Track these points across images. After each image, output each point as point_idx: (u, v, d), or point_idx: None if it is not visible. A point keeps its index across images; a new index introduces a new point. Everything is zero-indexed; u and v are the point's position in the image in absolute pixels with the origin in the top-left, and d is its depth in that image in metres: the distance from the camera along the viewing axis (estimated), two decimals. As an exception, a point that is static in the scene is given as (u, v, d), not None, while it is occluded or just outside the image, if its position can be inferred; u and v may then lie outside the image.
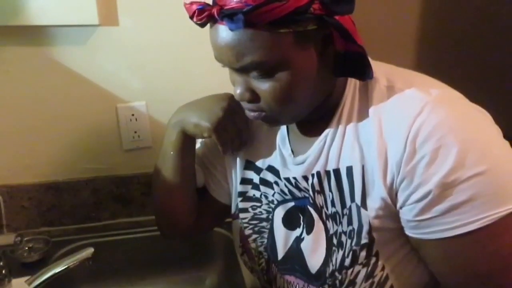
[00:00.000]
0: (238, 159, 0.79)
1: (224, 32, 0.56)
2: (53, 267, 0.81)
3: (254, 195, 0.77)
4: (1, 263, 0.78)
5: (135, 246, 1.11)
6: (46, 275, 0.80)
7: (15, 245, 0.99)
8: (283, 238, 0.74)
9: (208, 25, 0.61)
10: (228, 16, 0.53)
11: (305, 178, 0.68)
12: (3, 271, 0.80)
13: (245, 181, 0.78)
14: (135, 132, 1.11)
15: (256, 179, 0.77)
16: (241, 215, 0.79)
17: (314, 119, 0.66)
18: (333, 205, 0.65)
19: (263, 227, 0.77)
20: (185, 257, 1.10)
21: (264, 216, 0.77)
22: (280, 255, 0.74)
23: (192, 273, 1.13)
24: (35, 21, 0.95)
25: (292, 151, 0.71)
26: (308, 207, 0.69)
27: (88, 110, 1.07)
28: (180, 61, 1.09)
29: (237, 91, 0.62)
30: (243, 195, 0.79)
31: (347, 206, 0.64)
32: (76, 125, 1.08)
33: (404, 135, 0.56)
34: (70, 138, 1.09)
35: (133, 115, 1.10)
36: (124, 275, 1.10)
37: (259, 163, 0.76)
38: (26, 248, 1.01)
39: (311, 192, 0.68)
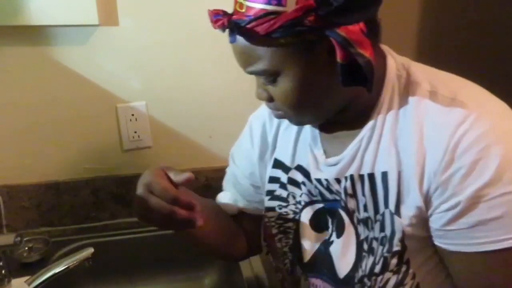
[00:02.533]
0: (260, 157, 0.80)
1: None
2: (53, 267, 0.81)
3: (281, 194, 0.76)
4: (1, 263, 0.78)
5: (135, 246, 1.11)
6: (46, 275, 0.80)
7: (15, 245, 0.99)
8: (310, 240, 0.73)
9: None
10: (229, 28, 0.58)
11: (338, 180, 0.67)
12: (3, 271, 0.80)
13: (273, 179, 0.77)
14: (135, 132, 1.11)
15: (284, 178, 0.76)
16: (268, 214, 0.78)
17: (346, 121, 0.66)
18: (365, 210, 0.64)
19: (288, 227, 0.76)
20: (185, 257, 1.10)
21: (291, 216, 0.76)
22: (307, 257, 0.74)
23: (192, 273, 1.13)
24: (35, 21, 0.95)
25: (324, 151, 0.70)
26: (339, 210, 0.68)
27: (88, 110, 1.07)
28: (180, 61, 1.09)
29: (257, 91, 0.66)
30: (271, 194, 0.78)
31: (380, 212, 0.63)
32: (76, 125, 1.08)
33: (445, 144, 0.55)
34: (70, 138, 1.09)
35: (133, 115, 1.10)
36: (124, 275, 1.10)
37: (287, 162, 0.75)
38: (26, 248, 1.01)
39: (343, 195, 0.67)
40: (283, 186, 0.76)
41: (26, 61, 1.01)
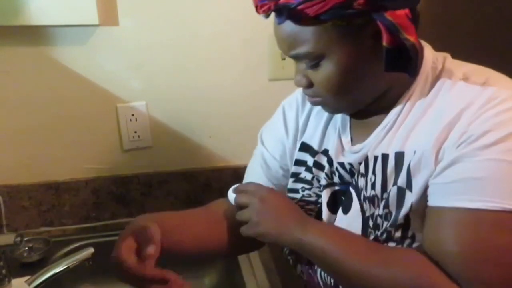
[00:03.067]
0: (293, 141, 0.81)
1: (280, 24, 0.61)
2: (53, 267, 0.81)
3: (305, 177, 0.78)
4: (1, 263, 0.78)
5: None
6: (46, 275, 0.80)
7: (15, 245, 0.99)
8: (327, 220, 0.74)
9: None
10: (277, 10, 0.58)
11: (360, 164, 0.69)
12: (3, 271, 0.79)
13: (299, 162, 0.79)
14: (135, 132, 1.11)
15: (310, 161, 0.77)
16: (290, 195, 0.79)
17: (378, 109, 0.68)
18: (373, 187, 0.67)
19: (310, 209, 0.77)
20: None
21: (313, 199, 0.77)
22: None
23: (192, 273, 1.13)
24: (35, 21, 0.95)
25: (351, 138, 0.72)
26: (350, 188, 0.71)
27: (88, 110, 1.08)
28: (180, 61, 1.09)
29: (296, 78, 0.66)
30: (295, 176, 0.79)
31: (388, 190, 0.64)
32: (76, 125, 1.08)
33: (468, 120, 0.57)
34: (70, 138, 1.09)
35: (133, 115, 1.10)
36: (124, 275, 1.10)
37: (315, 146, 0.77)
38: (26, 248, 1.01)
39: (356, 176, 0.70)
40: (308, 169, 0.77)
41: (26, 61, 1.01)
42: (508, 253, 0.55)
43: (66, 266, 0.81)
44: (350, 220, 0.70)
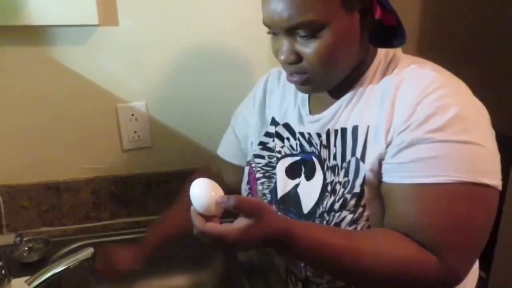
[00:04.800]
0: (266, 116, 0.88)
1: None
2: (53, 267, 0.81)
3: (272, 146, 0.85)
4: (1, 263, 0.78)
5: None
6: (46, 275, 0.80)
7: (15, 245, 0.99)
8: (282, 184, 0.81)
9: None
10: None
11: (318, 135, 0.76)
12: (3, 271, 0.80)
13: (268, 134, 0.86)
14: (135, 132, 1.11)
15: (274, 132, 0.85)
16: (257, 160, 0.86)
17: (335, 87, 0.73)
18: (334, 158, 0.73)
19: (273, 173, 0.83)
20: (185, 257, 1.10)
21: (275, 164, 0.84)
22: (279, 196, 0.81)
23: (192, 273, 1.13)
24: (35, 21, 0.95)
25: (309, 111, 0.79)
26: (313, 158, 0.77)
27: (88, 110, 1.08)
28: (180, 61, 1.09)
29: (281, 56, 0.67)
30: (263, 145, 0.86)
31: (347, 160, 0.71)
32: (76, 125, 1.08)
33: (412, 102, 0.63)
34: (70, 138, 1.09)
35: (133, 115, 1.10)
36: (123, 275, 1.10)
37: (279, 119, 0.85)
38: (26, 248, 1.01)
39: (318, 147, 0.76)
40: (273, 139, 0.85)
41: (26, 61, 1.01)
42: (466, 219, 0.62)
43: (66, 266, 0.81)
44: (311, 186, 0.76)
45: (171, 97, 1.12)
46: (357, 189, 0.69)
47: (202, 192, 0.60)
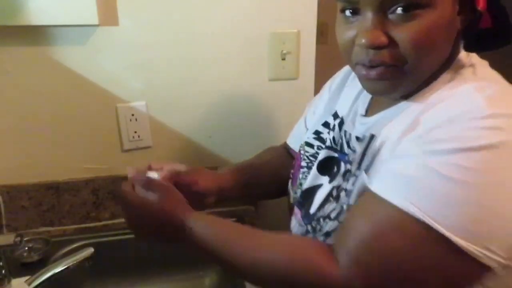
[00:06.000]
0: (332, 107, 0.82)
1: None
2: (53, 267, 0.81)
3: (326, 138, 0.78)
4: (1, 263, 0.78)
5: (135, 246, 1.11)
6: (46, 275, 0.80)
7: (15, 245, 0.99)
8: (312, 177, 0.75)
9: None
10: None
11: (357, 138, 0.68)
12: (3, 271, 0.80)
13: (326, 124, 0.80)
14: (135, 132, 1.11)
15: (332, 125, 0.79)
16: (306, 148, 0.81)
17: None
18: (350, 163, 0.67)
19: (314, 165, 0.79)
20: (185, 257, 1.10)
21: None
22: (304, 188, 0.78)
23: (192, 273, 1.13)
24: (35, 21, 0.95)
25: (366, 111, 0.71)
26: (342, 162, 0.71)
27: (88, 110, 1.08)
28: (180, 61, 1.09)
29: (366, 38, 0.54)
30: (317, 134, 0.81)
31: (361, 169, 0.64)
32: (76, 125, 1.08)
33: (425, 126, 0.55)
34: (70, 138, 1.09)
35: (133, 115, 1.10)
36: (124, 275, 1.10)
37: (340, 113, 0.78)
38: (26, 248, 1.01)
39: (351, 150, 0.70)
40: (329, 132, 0.78)
41: (26, 61, 1.01)
42: (396, 257, 0.53)
43: (66, 266, 0.81)
44: (326, 187, 0.71)
45: (171, 97, 1.12)
46: (356, 202, 0.62)
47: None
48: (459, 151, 0.49)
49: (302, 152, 0.82)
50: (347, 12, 0.57)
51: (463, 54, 0.61)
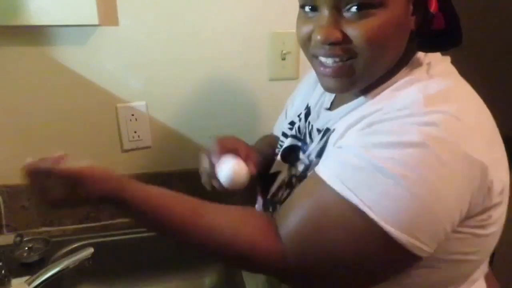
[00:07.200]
0: (307, 100, 0.84)
1: None
2: (53, 267, 0.81)
3: (298, 127, 0.81)
4: (1, 263, 0.78)
5: (135, 246, 1.11)
6: (46, 275, 0.80)
7: (15, 245, 0.99)
8: (277, 163, 0.79)
9: None
10: None
11: (318, 130, 0.71)
12: (3, 271, 0.80)
13: (300, 115, 0.82)
14: (135, 132, 1.11)
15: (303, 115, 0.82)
16: (281, 138, 0.84)
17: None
18: (308, 153, 0.71)
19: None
20: (185, 257, 1.10)
21: None
22: (270, 172, 0.81)
23: (192, 273, 1.13)
24: (35, 21, 0.95)
25: (331, 105, 0.73)
26: (301, 152, 0.74)
27: (88, 110, 1.08)
28: (180, 61, 1.09)
29: (321, 34, 0.58)
30: (292, 125, 0.83)
31: (315, 159, 0.68)
32: (76, 125, 1.08)
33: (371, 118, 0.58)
34: (70, 138, 1.09)
35: (133, 115, 1.10)
36: (124, 275, 1.10)
37: (310, 104, 0.81)
38: (26, 248, 1.01)
39: (311, 141, 0.73)
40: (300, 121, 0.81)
41: (26, 61, 1.01)
42: (330, 241, 0.55)
43: (66, 266, 0.82)
44: (285, 174, 0.74)
45: (171, 97, 1.12)
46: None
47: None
48: (395, 145, 0.53)
49: (279, 142, 0.85)
50: (306, 8, 0.60)
51: (421, 53, 0.63)
